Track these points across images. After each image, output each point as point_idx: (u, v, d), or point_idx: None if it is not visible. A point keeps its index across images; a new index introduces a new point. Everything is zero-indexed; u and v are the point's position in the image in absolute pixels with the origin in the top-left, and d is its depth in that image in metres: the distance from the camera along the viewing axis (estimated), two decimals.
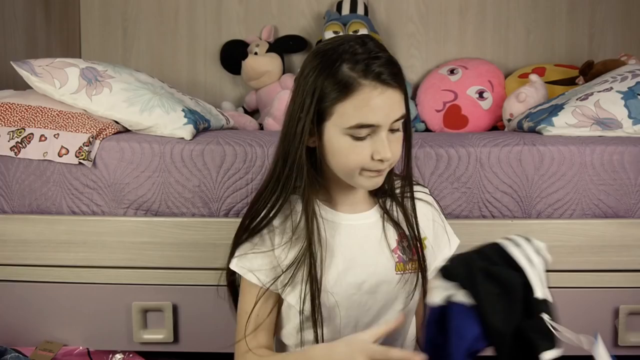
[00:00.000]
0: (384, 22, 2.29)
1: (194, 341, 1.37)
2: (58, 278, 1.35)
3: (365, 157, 0.90)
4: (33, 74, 1.43)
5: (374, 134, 0.89)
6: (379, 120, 0.88)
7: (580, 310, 1.33)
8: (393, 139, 0.91)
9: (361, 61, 0.87)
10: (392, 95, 0.88)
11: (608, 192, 1.34)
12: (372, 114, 0.87)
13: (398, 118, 0.90)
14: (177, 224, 1.34)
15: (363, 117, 0.87)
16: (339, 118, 0.89)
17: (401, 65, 0.92)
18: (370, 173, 0.92)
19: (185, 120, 1.43)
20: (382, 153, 0.89)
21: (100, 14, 2.29)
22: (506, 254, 0.81)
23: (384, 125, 0.89)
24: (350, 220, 0.99)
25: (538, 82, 1.88)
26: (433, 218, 1.05)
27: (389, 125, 0.89)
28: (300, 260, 0.93)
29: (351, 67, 0.87)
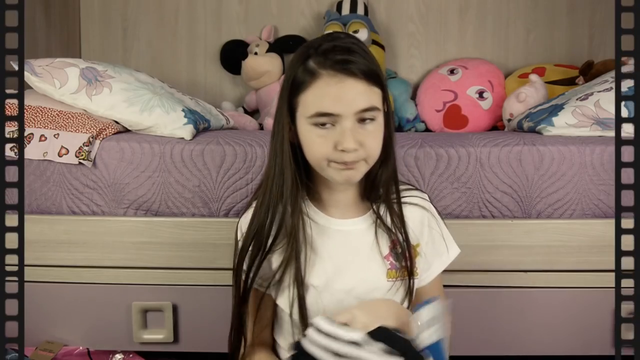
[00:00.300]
0: (384, 22, 2.29)
1: (194, 341, 1.37)
2: (58, 278, 1.35)
3: (328, 148, 0.90)
4: (33, 74, 1.43)
5: (337, 124, 0.90)
6: (338, 109, 0.89)
7: (580, 310, 1.33)
8: (363, 131, 0.90)
9: (323, 52, 0.90)
10: (354, 85, 0.89)
11: (608, 192, 1.34)
12: (329, 102, 0.89)
13: (363, 109, 0.89)
14: (177, 224, 1.34)
15: (321, 106, 0.89)
16: (303, 108, 0.92)
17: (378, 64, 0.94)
18: (337, 165, 0.91)
19: (185, 120, 1.43)
20: (343, 143, 0.88)
21: (100, 14, 2.29)
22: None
23: (345, 115, 0.89)
24: (341, 225, 0.98)
25: (538, 82, 1.88)
26: (429, 224, 1.03)
27: (353, 115, 0.89)
28: (285, 263, 0.93)
29: (314, 59, 0.91)
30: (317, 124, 0.90)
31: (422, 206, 1.03)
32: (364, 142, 0.90)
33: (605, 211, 1.35)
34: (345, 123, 0.89)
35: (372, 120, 0.91)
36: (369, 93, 0.90)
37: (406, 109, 2.13)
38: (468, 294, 1.33)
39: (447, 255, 1.04)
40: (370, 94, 0.91)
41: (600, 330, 1.33)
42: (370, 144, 0.91)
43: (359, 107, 0.89)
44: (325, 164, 0.92)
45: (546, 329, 1.34)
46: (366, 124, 0.91)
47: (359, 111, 0.89)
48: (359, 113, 0.89)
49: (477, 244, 1.31)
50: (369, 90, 0.90)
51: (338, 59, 0.89)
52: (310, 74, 0.90)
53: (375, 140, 0.93)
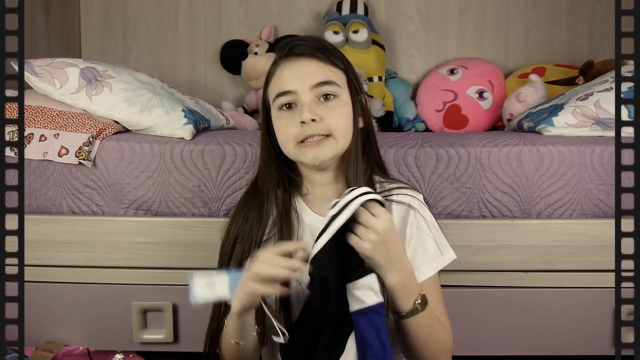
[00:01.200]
0: (384, 22, 2.29)
1: (194, 341, 1.37)
2: (58, 278, 1.35)
3: (293, 127, 0.94)
4: (33, 74, 1.42)
5: (299, 103, 0.94)
6: (293, 85, 0.94)
7: (580, 310, 1.33)
8: (324, 107, 0.94)
9: (283, 45, 0.98)
10: (306, 62, 0.95)
11: (608, 192, 1.34)
12: (285, 82, 0.95)
13: (318, 82, 0.93)
14: (177, 224, 1.34)
15: (279, 87, 0.95)
16: (270, 97, 0.98)
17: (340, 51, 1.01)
18: (303, 144, 0.94)
19: (185, 120, 1.43)
20: (301, 115, 0.92)
21: (100, 14, 2.29)
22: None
23: (301, 90, 0.93)
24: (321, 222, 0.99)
25: (538, 82, 1.88)
26: (417, 225, 0.99)
27: (309, 90, 0.93)
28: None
29: (277, 54, 0.99)
30: (280, 106, 0.95)
31: (410, 205, 1.00)
32: (324, 116, 0.93)
33: (605, 211, 1.35)
34: (302, 98, 0.93)
35: (335, 97, 0.95)
36: (324, 69, 0.95)
37: (406, 109, 2.13)
38: (468, 294, 1.33)
39: (441, 260, 1.00)
40: (327, 70, 0.95)
41: (600, 330, 1.33)
42: (331, 119, 0.93)
43: (314, 81, 0.93)
44: (293, 147, 0.95)
45: (546, 329, 1.34)
46: (329, 100, 0.94)
47: (314, 85, 0.93)
48: (315, 87, 0.93)
49: (477, 244, 1.31)
50: (326, 67, 0.95)
51: (293, 45, 0.96)
52: (274, 65, 0.98)
53: (339, 116, 0.95)
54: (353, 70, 1.01)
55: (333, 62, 0.96)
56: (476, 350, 1.36)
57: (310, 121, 0.92)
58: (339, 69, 0.97)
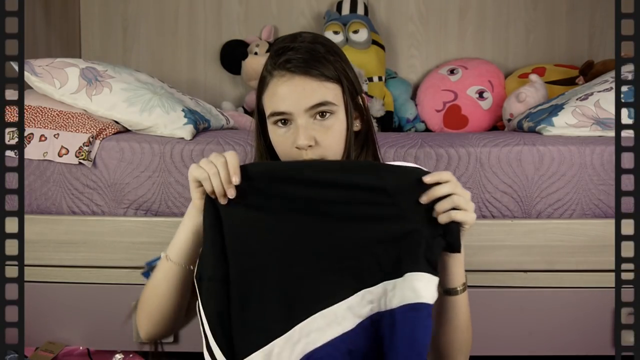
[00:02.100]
0: (384, 22, 2.29)
1: (194, 341, 1.37)
2: (58, 278, 1.35)
3: (288, 147, 0.91)
4: (33, 74, 1.42)
5: (293, 122, 0.91)
6: (288, 107, 0.90)
7: (580, 310, 1.33)
8: (319, 127, 0.90)
9: (277, 52, 0.93)
10: (301, 82, 0.90)
11: (608, 192, 1.34)
12: (280, 102, 0.90)
13: (315, 104, 0.89)
14: (177, 224, 1.32)
15: (274, 106, 0.91)
16: (265, 109, 0.94)
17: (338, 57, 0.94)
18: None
19: (185, 120, 1.43)
20: (297, 141, 0.89)
21: (100, 14, 2.29)
22: None
23: (296, 113, 0.89)
24: None
25: (538, 82, 1.88)
26: None
27: (304, 112, 0.89)
28: None
29: (271, 59, 0.93)
30: (275, 122, 0.92)
31: None
32: (319, 139, 0.90)
33: (605, 211, 1.35)
34: (298, 120, 0.90)
35: (331, 114, 0.91)
36: (321, 89, 0.90)
37: (406, 109, 2.13)
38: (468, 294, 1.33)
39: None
40: (323, 90, 0.90)
41: (600, 330, 1.33)
42: (325, 141, 0.91)
43: (309, 103, 0.89)
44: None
45: (546, 329, 1.34)
46: (325, 118, 0.91)
47: (309, 107, 0.89)
48: (310, 109, 0.90)
49: (477, 244, 1.31)
50: (321, 86, 0.90)
51: (287, 58, 0.91)
52: (267, 73, 0.94)
53: (333, 136, 0.92)
54: (349, 74, 0.97)
55: (328, 78, 0.91)
56: (476, 350, 1.36)
57: (307, 147, 0.90)
58: (334, 83, 0.92)
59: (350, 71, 0.98)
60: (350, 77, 0.97)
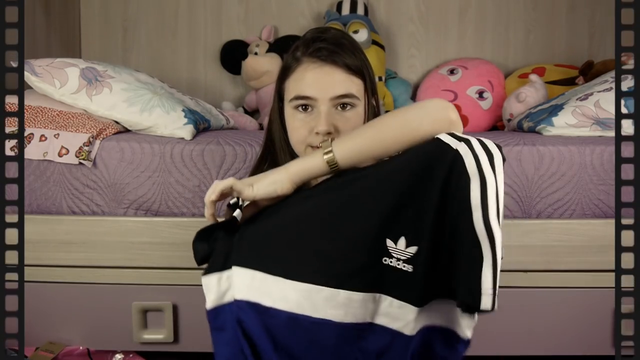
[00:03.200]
0: (384, 22, 2.29)
1: (194, 341, 1.37)
2: (58, 278, 1.35)
3: (306, 131, 0.94)
4: (33, 74, 1.42)
5: (315, 109, 0.94)
6: (314, 92, 0.93)
7: (580, 310, 1.33)
8: (340, 117, 0.94)
9: (307, 41, 0.96)
10: (330, 71, 0.94)
11: (608, 192, 1.34)
12: (306, 86, 0.94)
13: (340, 95, 0.93)
14: (177, 224, 1.34)
15: (299, 89, 0.94)
16: (287, 93, 0.98)
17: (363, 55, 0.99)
18: (313, 149, 0.95)
19: (185, 120, 1.43)
20: (318, 126, 0.92)
21: (100, 14, 2.29)
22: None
23: (321, 99, 0.93)
24: None
25: (538, 82, 1.88)
26: None
27: (329, 100, 0.93)
28: None
29: (300, 48, 0.97)
30: (297, 107, 0.95)
31: None
32: (339, 127, 0.93)
33: (605, 211, 1.35)
34: (321, 107, 0.93)
35: (352, 107, 0.94)
36: (347, 81, 0.94)
37: None
38: None
39: None
40: (349, 82, 0.94)
41: (600, 330, 1.33)
42: (346, 130, 0.93)
43: (336, 93, 0.93)
44: (303, 149, 0.96)
45: (546, 329, 1.34)
46: (346, 110, 0.94)
47: (335, 97, 0.93)
48: (335, 99, 0.93)
49: None
50: (348, 79, 0.94)
51: (319, 46, 0.94)
52: (295, 60, 0.97)
53: (351, 126, 0.94)
54: (370, 72, 1.00)
55: (354, 72, 0.95)
56: (476, 350, 1.36)
57: (326, 133, 0.92)
58: (359, 78, 0.96)
59: (371, 71, 1.01)
60: (371, 76, 1.00)
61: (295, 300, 0.81)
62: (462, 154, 0.75)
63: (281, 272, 0.82)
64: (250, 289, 0.83)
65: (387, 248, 0.78)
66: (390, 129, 0.83)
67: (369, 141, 0.84)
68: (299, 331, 0.81)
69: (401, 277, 0.78)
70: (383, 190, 0.78)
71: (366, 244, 0.79)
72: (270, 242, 0.83)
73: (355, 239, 0.79)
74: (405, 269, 0.78)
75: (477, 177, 0.75)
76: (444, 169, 0.75)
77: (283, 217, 0.84)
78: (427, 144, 0.79)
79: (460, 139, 0.78)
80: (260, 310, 0.82)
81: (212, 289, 0.85)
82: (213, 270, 0.86)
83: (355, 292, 0.80)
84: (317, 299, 0.80)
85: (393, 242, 0.78)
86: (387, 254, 0.79)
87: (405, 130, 0.82)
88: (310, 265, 0.81)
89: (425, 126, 0.82)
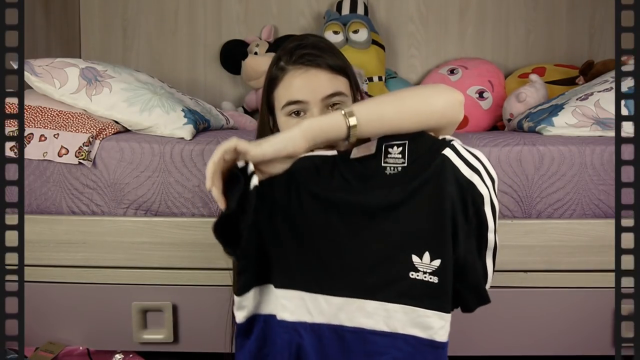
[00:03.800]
0: (384, 22, 2.29)
1: (194, 341, 1.37)
2: (58, 278, 1.35)
3: None
4: (33, 74, 1.42)
5: (308, 112, 0.97)
6: (305, 96, 0.96)
7: (580, 310, 1.33)
8: None
9: (289, 50, 0.99)
10: (316, 73, 0.97)
11: (608, 192, 1.34)
12: (296, 91, 0.97)
13: (329, 94, 0.96)
14: (177, 224, 1.34)
15: (289, 95, 0.97)
16: (278, 102, 1.00)
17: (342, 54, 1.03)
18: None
19: (185, 120, 1.43)
20: None
21: (100, 14, 2.29)
22: None
23: (313, 101, 0.96)
24: None
25: (538, 82, 1.88)
26: None
27: (319, 101, 0.96)
28: None
29: (283, 58, 1.00)
30: (289, 113, 0.98)
31: None
32: None
33: (605, 211, 1.35)
34: (314, 109, 0.96)
35: (342, 105, 0.97)
36: (333, 80, 0.98)
37: None
38: None
39: None
40: (335, 81, 0.98)
41: (600, 330, 1.33)
42: None
43: (325, 93, 0.96)
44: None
45: (546, 329, 1.34)
46: (336, 109, 0.96)
47: (324, 97, 0.96)
48: (325, 99, 0.97)
49: None
50: (334, 78, 0.98)
51: (302, 53, 0.98)
52: (280, 70, 1.00)
53: None
54: (351, 70, 1.04)
55: (337, 71, 0.99)
56: (476, 350, 1.36)
57: None
58: (343, 76, 1.00)
59: (352, 68, 1.05)
60: (353, 74, 1.04)
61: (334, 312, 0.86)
62: (475, 184, 0.84)
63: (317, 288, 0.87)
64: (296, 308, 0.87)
65: (412, 263, 0.84)
66: (410, 98, 0.88)
67: (389, 107, 0.87)
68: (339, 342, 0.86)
69: (429, 288, 0.84)
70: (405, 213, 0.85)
71: (394, 261, 0.85)
72: (302, 260, 0.88)
73: (382, 256, 0.85)
74: (432, 280, 0.84)
75: (489, 201, 0.85)
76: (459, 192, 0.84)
77: (310, 234, 0.87)
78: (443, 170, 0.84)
79: (473, 168, 0.85)
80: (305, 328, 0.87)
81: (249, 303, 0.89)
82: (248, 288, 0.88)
83: (386, 302, 0.85)
84: (350, 310, 0.86)
85: (419, 257, 0.84)
86: (414, 268, 0.84)
87: (423, 101, 0.88)
88: (342, 279, 0.86)
89: (441, 102, 0.89)
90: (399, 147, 0.87)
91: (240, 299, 0.87)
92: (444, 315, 0.85)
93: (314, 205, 0.87)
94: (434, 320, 0.84)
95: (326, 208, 0.86)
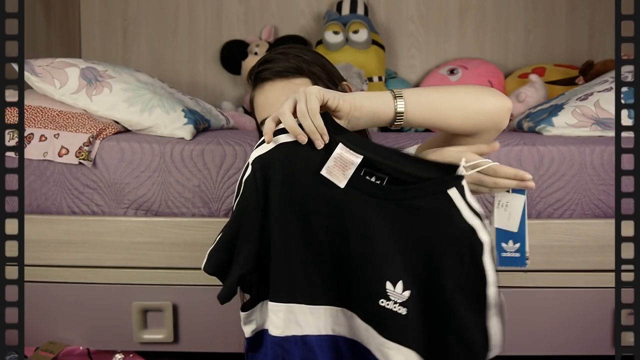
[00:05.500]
0: (384, 22, 2.29)
1: (194, 341, 1.37)
2: (58, 278, 1.35)
3: None
4: (33, 74, 1.42)
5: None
6: (267, 113, 0.97)
7: (580, 310, 1.33)
8: None
9: (250, 74, 1.02)
10: (270, 87, 0.98)
11: (608, 192, 1.34)
12: (261, 111, 1.00)
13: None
14: (177, 224, 1.34)
15: (259, 116, 1.01)
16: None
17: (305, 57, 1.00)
18: None
19: (185, 120, 1.43)
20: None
21: (100, 14, 2.30)
22: None
23: None
24: None
25: (538, 82, 1.88)
26: None
27: None
28: None
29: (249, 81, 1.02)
30: None
31: None
32: None
33: (605, 211, 1.35)
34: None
35: None
36: (288, 85, 0.97)
37: None
38: None
39: None
40: (290, 85, 0.97)
41: (600, 330, 1.33)
42: None
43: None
44: None
45: (546, 329, 1.34)
46: None
47: None
48: None
49: None
50: (288, 83, 0.97)
51: (256, 72, 0.99)
52: (252, 92, 1.03)
53: None
54: (316, 68, 0.99)
55: (292, 74, 0.97)
56: None
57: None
58: (301, 77, 0.97)
59: (325, 64, 1.02)
60: (324, 68, 1.01)
61: (324, 324, 0.83)
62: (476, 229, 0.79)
63: (304, 299, 0.83)
64: (282, 322, 0.83)
65: (385, 290, 0.79)
66: (461, 92, 0.85)
67: (439, 95, 0.83)
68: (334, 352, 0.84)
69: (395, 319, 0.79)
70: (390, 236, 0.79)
71: (369, 283, 0.80)
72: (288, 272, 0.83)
73: (359, 275, 0.80)
74: (399, 312, 0.78)
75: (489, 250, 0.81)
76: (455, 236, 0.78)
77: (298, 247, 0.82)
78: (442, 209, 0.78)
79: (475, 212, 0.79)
80: (296, 342, 0.83)
81: (256, 317, 0.87)
82: (254, 303, 0.86)
83: (357, 316, 0.81)
84: (341, 321, 0.83)
85: (392, 284, 0.79)
86: (385, 296, 0.79)
87: (474, 97, 0.85)
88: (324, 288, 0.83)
89: (492, 103, 0.85)
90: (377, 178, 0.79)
91: (246, 314, 0.86)
92: (406, 351, 0.78)
93: (295, 211, 0.81)
94: (394, 353, 0.78)
95: (307, 214, 0.81)
